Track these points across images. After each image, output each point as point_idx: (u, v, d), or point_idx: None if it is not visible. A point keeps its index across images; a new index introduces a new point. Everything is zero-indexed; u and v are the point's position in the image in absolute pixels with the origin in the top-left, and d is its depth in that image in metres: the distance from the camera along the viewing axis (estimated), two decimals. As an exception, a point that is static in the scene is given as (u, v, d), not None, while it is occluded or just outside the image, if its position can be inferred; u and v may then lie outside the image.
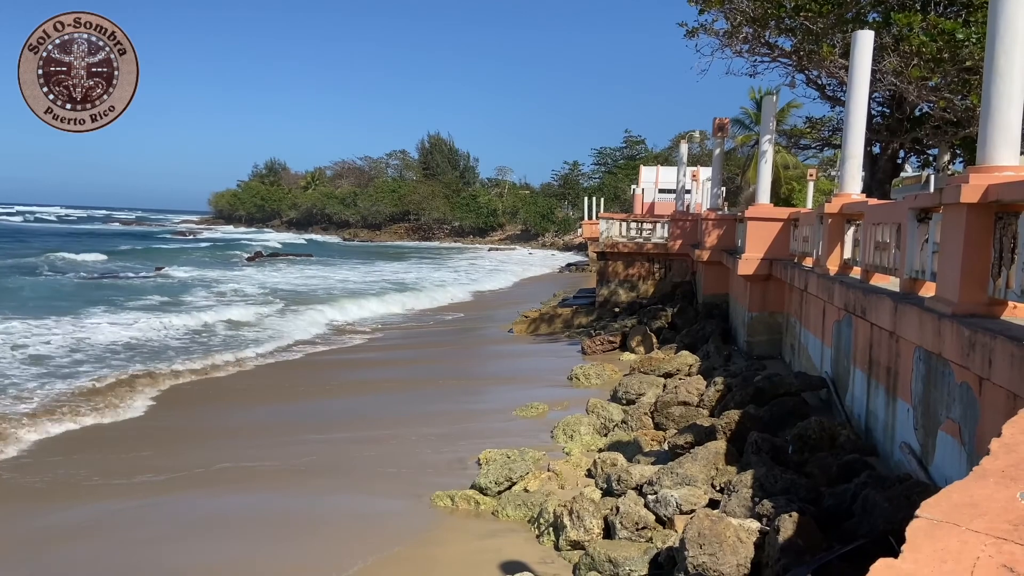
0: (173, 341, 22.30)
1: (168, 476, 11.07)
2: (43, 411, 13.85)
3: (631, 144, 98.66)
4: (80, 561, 8.47)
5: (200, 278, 43.32)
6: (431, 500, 9.79)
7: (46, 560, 8.47)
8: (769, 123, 17.64)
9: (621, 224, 27.74)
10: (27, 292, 33.37)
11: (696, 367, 15.94)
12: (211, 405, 15.53)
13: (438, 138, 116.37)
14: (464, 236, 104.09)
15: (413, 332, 26.22)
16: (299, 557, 8.41)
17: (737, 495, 7.76)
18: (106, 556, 8.55)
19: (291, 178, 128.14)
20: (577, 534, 8.22)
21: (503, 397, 16.27)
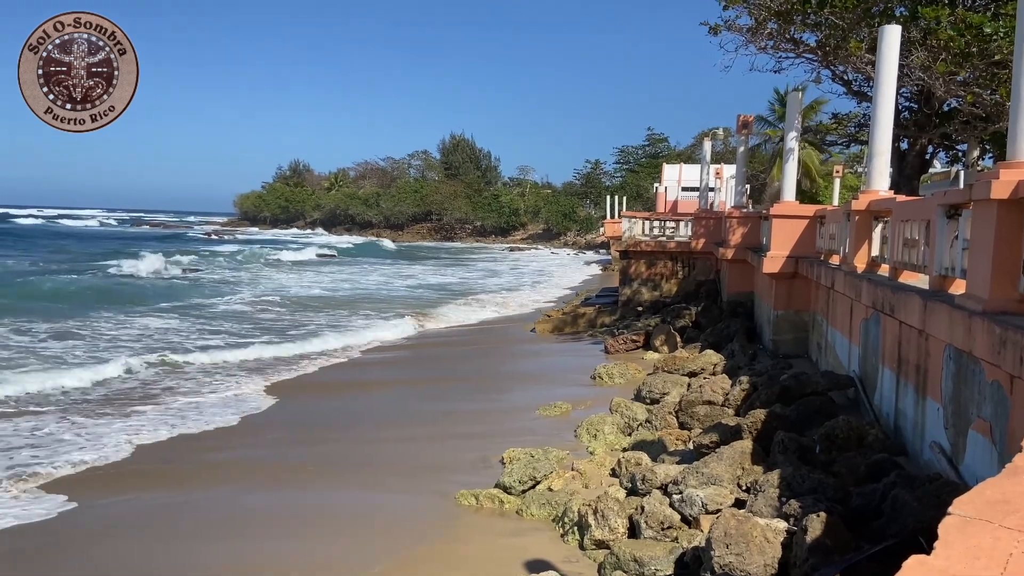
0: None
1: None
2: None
3: (654, 142, 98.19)
4: (102, 557, 8.60)
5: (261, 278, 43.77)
6: (456, 498, 9.83)
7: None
8: (794, 120, 17.47)
9: (644, 223, 27.63)
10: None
11: (721, 366, 15.84)
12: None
13: (460, 138, 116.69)
14: (486, 236, 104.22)
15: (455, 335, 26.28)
16: (326, 554, 8.48)
17: (764, 495, 7.70)
18: (129, 552, 8.68)
19: (315, 179, 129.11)
20: (602, 533, 8.21)
21: (526, 396, 16.28)
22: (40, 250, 62.20)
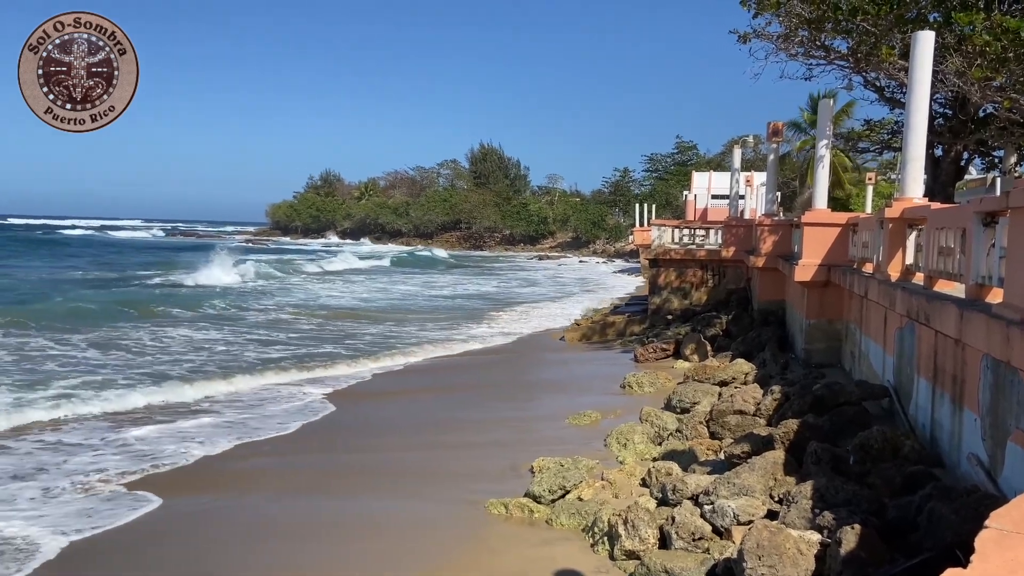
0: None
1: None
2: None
3: (683, 150, 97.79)
4: (143, 563, 8.75)
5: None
6: (485, 507, 9.85)
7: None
8: (825, 127, 17.31)
9: (673, 231, 27.51)
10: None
11: (752, 375, 15.69)
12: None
13: (489, 147, 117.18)
14: (515, 244, 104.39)
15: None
16: (353, 562, 8.54)
17: (797, 506, 7.62)
18: (165, 556, 8.82)
19: (345, 189, 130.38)
20: (632, 544, 8.18)
21: (555, 405, 16.26)
22: (102, 260, 63.06)
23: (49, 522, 9.54)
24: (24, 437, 13.10)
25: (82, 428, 13.74)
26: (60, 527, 9.38)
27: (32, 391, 15.93)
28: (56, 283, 42.44)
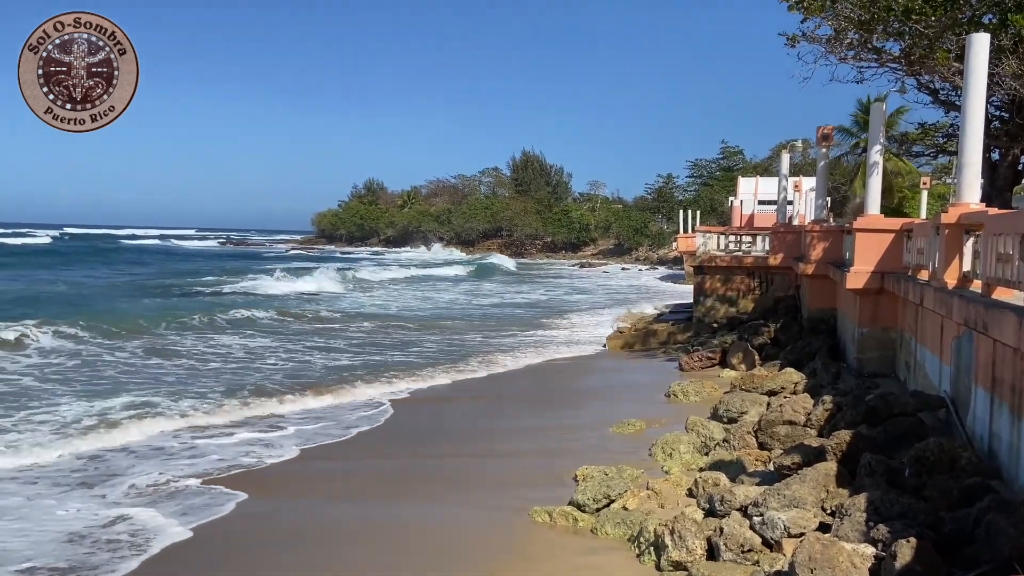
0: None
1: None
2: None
3: (728, 155, 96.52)
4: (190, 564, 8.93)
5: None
6: (530, 515, 9.82)
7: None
8: (878, 131, 16.95)
9: (719, 237, 27.18)
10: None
11: (802, 385, 15.40)
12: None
13: (530, 155, 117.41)
14: (556, 251, 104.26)
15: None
16: (397, 566, 8.59)
17: (850, 519, 7.46)
18: (208, 558, 8.97)
19: (388, 197, 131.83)
20: (679, 554, 8.08)
21: (599, 413, 16.19)
22: (181, 270, 64.13)
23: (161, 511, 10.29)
24: (121, 442, 13.55)
25: (163, 434, 14.11)
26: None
27: (111, 398, 16.44)
28: (138, 291, 43.58)
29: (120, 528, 9.74)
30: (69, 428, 14.03)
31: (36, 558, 8.79)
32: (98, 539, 9.39)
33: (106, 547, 9.17)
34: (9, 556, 8.82)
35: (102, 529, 9.68)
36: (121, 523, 9.88)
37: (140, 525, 9.80)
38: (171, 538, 9.43)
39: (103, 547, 9.18)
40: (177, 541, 9.38)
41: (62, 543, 9.24)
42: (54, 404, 15.82)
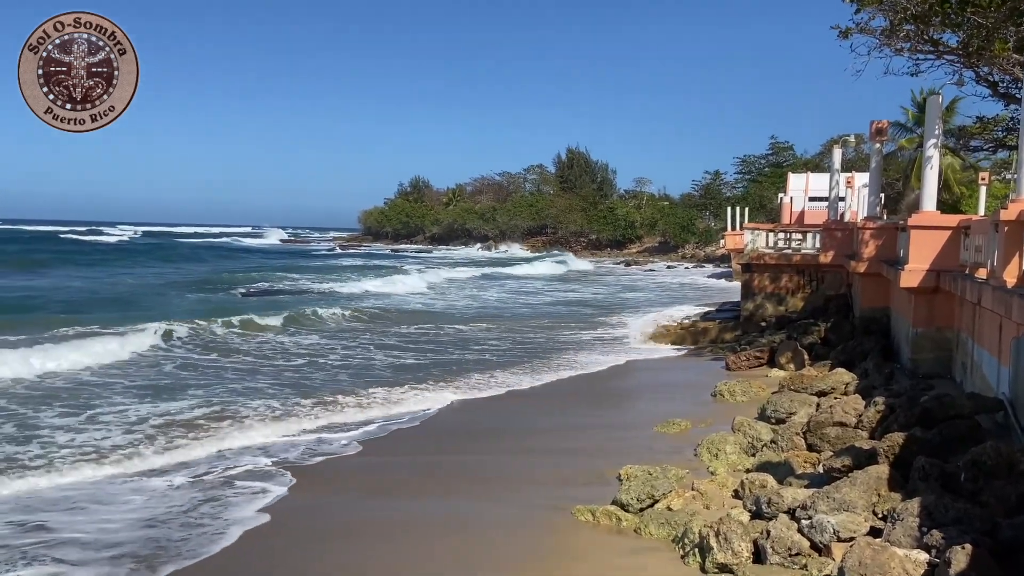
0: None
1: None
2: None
3: (778, 151, 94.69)
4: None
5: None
6: (572, 513, 9.79)
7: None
8: (934, 125, 16.45)
9: (768, 234, 26.74)
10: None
11: (853, 386, 15.04)
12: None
13: (575, 151, 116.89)
14: (601, 248, 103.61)
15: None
16: (439, 562, 8.64)
17: (902, 524, 7.26)
18: (245, 555, 9.11)
19: (433, 195, 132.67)
20: (725, 557, 7.97)
21: (643, 412, 16.07)
22: (251, 267, 64.58)
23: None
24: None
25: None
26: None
27: (178, 397, 16.93)
28: (230, 289, 44.47)
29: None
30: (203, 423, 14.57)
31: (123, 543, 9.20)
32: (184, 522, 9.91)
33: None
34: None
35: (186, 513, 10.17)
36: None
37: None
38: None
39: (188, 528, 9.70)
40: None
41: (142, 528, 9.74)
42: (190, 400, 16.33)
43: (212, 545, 9.28)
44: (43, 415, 14.83)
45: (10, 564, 8.62)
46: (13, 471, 11.65)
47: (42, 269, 54.96)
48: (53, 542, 9.22)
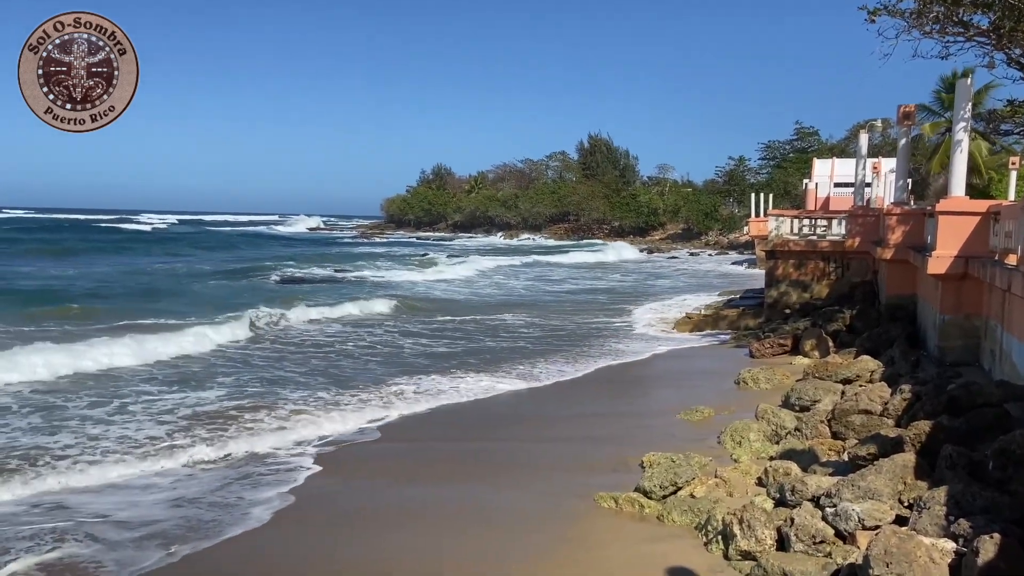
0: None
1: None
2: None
3: (802, 136, 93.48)
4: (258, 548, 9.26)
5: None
6: (595, 500, 9.82)
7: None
8: (963, 109, 16.14)
9: (792, 221, 26.43)
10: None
11: (879, 373, 14.88)
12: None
13: (597, 138, 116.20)
14: (623, 236, 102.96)
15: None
16: (461, 550, 8.68)
17: (929, 512, 7.19)
18: (276, 544, 9.20)
19: (455, 183, 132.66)
20: (748, 544, 7.95)
21: (665, 399, 16.03)
22: (299, 254, 64.85)
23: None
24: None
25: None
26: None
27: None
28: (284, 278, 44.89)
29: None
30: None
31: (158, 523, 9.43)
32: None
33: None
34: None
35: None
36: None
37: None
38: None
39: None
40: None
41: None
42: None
43: (235, 527, 9.47)
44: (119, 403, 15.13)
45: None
46: (103, 456, 12.03)
47: (92, 257, 55.92)
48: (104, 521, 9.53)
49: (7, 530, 9.22)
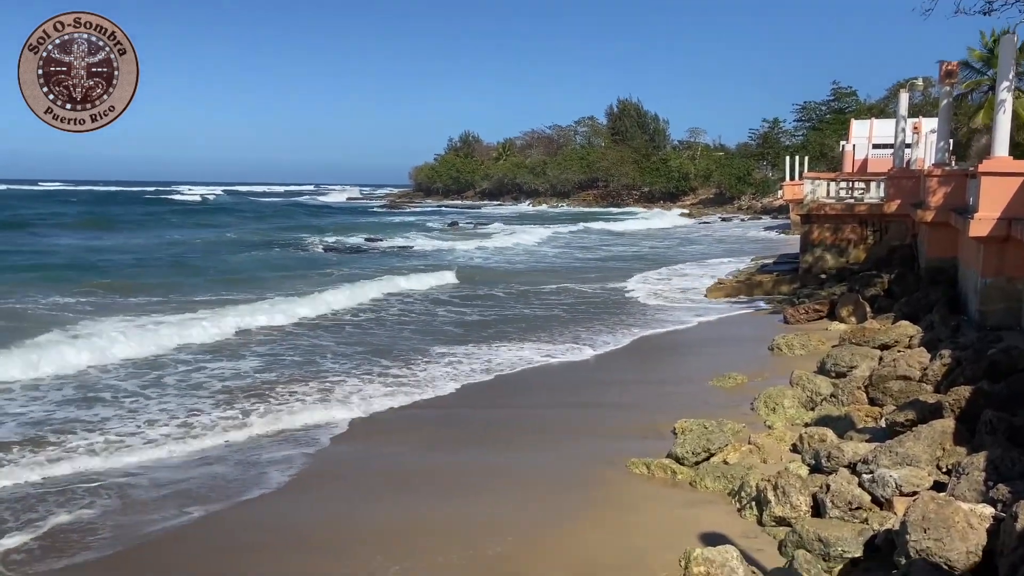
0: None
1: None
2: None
3: (840, 96, 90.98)
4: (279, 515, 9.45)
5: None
6: (627, 466, 9.85)
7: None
8: (1008, 66, 15.58)
9: (829, 184, 25.90)
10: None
11: (917, 339, 14.63)
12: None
13: (627, 103, 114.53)
14: (654, 201, 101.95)
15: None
16: (494, 514, 8.77)
17: (967, 477, 7.10)
18: (299, 509, 9.33)
19: (483, 150, 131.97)
20: (782, 510, 7.93)
21: (697, 366, 15.94)
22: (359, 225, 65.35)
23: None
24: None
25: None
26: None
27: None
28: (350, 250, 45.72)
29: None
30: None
31: (182, 482, 9.68)
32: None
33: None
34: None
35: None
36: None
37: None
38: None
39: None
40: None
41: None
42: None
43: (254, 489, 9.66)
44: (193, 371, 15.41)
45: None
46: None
47: (155, 230, 56.85)
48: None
49: (56, 489, 9.60)
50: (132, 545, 8.25)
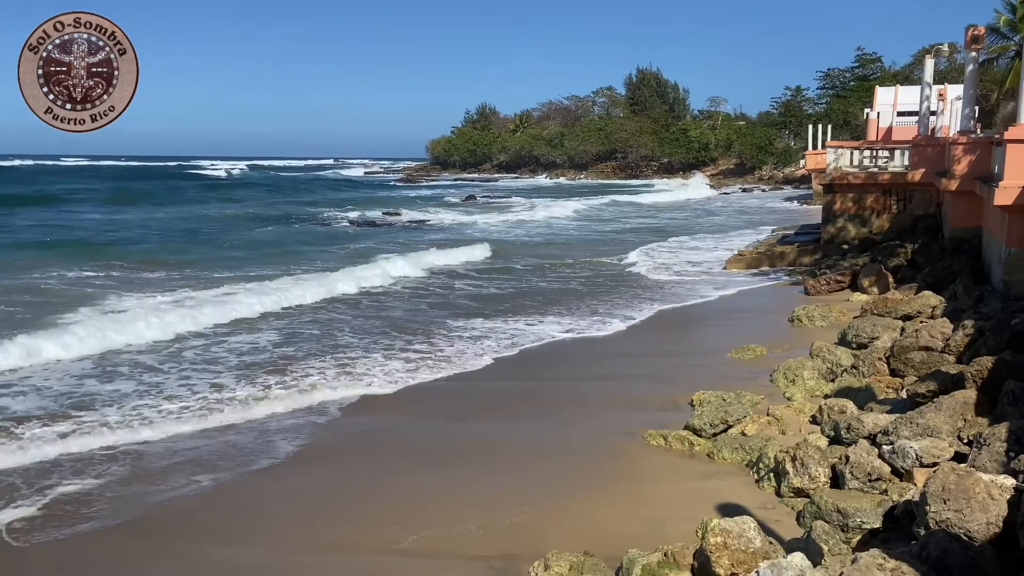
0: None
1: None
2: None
3: (864, 63, 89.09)
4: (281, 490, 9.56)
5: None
6: (644, 438, 9.86)
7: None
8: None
9: (852, 152, 25.47)
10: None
11: (940, 309, 14.45)
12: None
13: (646, 71, 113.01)
14: (673, 172, 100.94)
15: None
16: (511, 485, 8.82)
17: (989, 448, 7.02)
18: (314, 478, 9.44)
19: (500, 122, 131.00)
20: (801, 481, 7.91)
21: (716, 338, 15.86)
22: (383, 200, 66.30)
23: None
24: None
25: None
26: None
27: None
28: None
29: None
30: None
31: (192, 451, 9.77)
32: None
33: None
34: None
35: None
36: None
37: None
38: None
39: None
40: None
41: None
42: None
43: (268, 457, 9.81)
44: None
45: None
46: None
47: (186, 205, 57.33)
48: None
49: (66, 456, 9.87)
50: (136, 516, 8.36)
